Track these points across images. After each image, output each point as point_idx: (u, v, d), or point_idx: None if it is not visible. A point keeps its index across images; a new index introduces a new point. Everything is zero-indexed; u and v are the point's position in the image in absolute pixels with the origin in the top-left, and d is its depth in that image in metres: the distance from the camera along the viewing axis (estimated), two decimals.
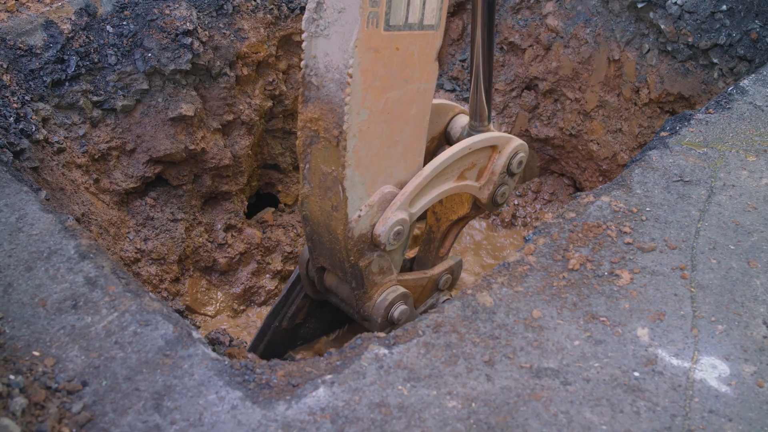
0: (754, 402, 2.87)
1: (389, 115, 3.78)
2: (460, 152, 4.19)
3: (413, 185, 4.00)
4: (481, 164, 4.39)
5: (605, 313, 3.22)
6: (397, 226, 3.95)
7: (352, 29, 3.42)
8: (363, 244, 4.02)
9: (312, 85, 3.71)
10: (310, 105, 3.76)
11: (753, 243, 3.58)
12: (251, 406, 2.79)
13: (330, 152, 3.78)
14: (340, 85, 3.57)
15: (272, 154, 6.27)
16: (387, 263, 4.23)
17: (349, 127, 3.63)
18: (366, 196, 3.91)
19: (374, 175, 3.90)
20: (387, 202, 3.96)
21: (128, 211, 5.30)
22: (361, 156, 3.77)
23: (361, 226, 3.94)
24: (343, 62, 3.51)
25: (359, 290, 4.22)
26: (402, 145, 3.94)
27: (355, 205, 3.88)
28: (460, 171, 4.29)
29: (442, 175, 4.16)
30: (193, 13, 5.12)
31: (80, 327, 3.09)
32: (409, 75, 3.75)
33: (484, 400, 2.84)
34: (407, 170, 4.05)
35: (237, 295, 5.96)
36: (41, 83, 4.65)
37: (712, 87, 5.91)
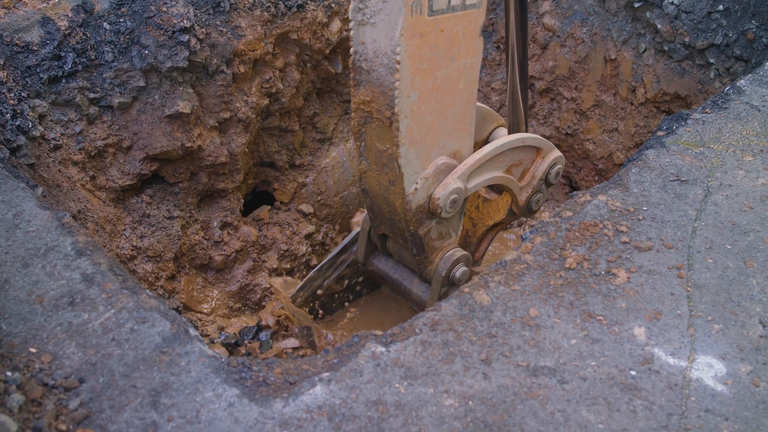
0: (750, 401, 2.87)
1: (438, 92, 3.94)
2: (515, 142, 4.43)
3: (473, 159, 4.23)
4: (525, 165, 4.61)
5: (602, 312, 3.22)
6: (453, 194, 4.15)
7: (397, 18, 3.55)
8: (421, 214, 4.24)
9: (362, 70, 3.87)
10: (361, 88, 3.93)
11: (749, 243, 3.59)
12: (248, 403, 2.79)
13: (384, 131, 3.96)
14: (389, 70, 3.73)
15: (268, 152, 6.26)
16: (445, 228, 4.46)
17: (400, 109, 3.80)
18: (421, 170, 4.11)
19: (428, 150, 4.09)
20: (442, 172, 4.16)
21: (124, 208, 5.29)
22: (414, 134, 3.95)
23: (418, 198, 4.15)
24: (390, 48, 3.66)
25: (420, 256, 4.49)
26: (452, 118, 4.11)
27: (411, 179, 4.09)
28: (509, 165, 4.50)
29: (495, 162, 4.38)
30: (190, 10, 5.12)
31: (77, 324, 3.08)
32: (455, 53, 3.90)
33: (481, 399, 2.84)
34: (459, 140, 4.23)
35: (233, 293, 5.95)
36: (38, 80, 4.65)
37: (708, 87, 5.92)
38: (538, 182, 4.61)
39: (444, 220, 4.39)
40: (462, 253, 4.55)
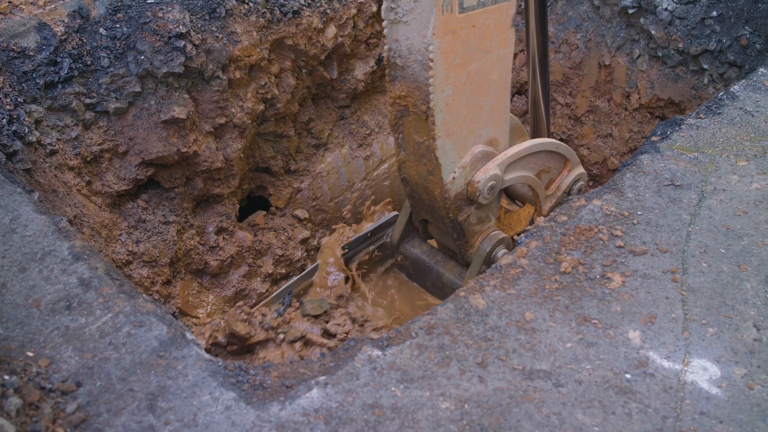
0: (745, 404, 2.88)
1: (472, 85, 4.05)
2: (549, 145, 4.57)
3: (513, 151, 4.37)
4: (552, 174, 4.72)
5: (597, 315, 3.23)
6: (492, 181, 4.29)
7: (428, 17, 3.65)
8: (460, 201, 4.38)
9: (397, 66, 4.00)
10: (397, 83, 4.06)
11: (743, 247, 3.60)
12: (245, 406, 2.80)
13: (420, 124, 4.07)
14: (423, 67, 3.83)
15: (264, 158, 6.27)
16: (485, 213, 4.59)
17: (435, 104, 3.92)
18: (458, 159, 4.24)
19: (464, 140, 4.20)
20: (479, 160, 4.30)
21: (120, 213, 5.29)
22: (450, 126, 4.06)
23: (456, 187, 4.29)
24: (423, 46, 3.76)
25: (461, 240, 4.63)
26: (487, 108, 4.22)
27: (448, 169, 4.22)
28: (539, 169, 4.61)
29: (528, 161, 4.50)
30: (186, 16, 5.13)
31: (74, 328, 3.09)
32: (487, 46, 4.00)
33: (476, 402, 2.85)
34: (495, 128, 4.35)
35: (228, 298, 5.96)
36: (34, 85, 4.65)
37: (702, 92, 5.94)
38: (562, 194, 4.70)
39: (482, 206, 4.50)
40: (504, 236, 4.68)
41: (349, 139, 6.86)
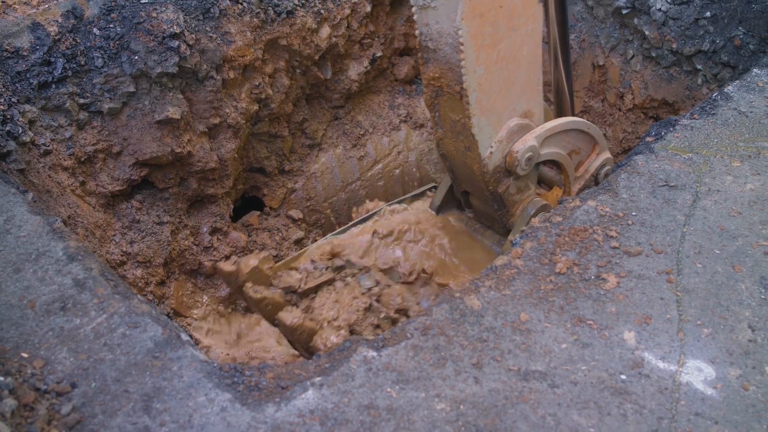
0: (740, 405, 2.89)
1: (503, 62, 4.15)
2: (581, 124, 4.74)
3: (550, 125, 4.53)
4: (582, 157, 4.86)
5: (592, 316, 3.24)
6: (529, 152, 4.43)
7: (456, 1, 3.76)
8: (499, 174, 4.50)
9: (429, 49, 4.13)
10: (430, 65, 4.19)
11: (738, 247, 3.60)
12: (240, 407, 2.79)
13: (455, 103, 4.19)
14: (454, 49, 3.95)
15: (258, 158, 6.27)
16: (523, 182, 4.71)
17: (468, 84, 4.04)
18: (494, 134, 4.36)
19: (499, 115, 4.31)
20: (515, 133, 4.43)
21: (114, 213, 5.28)
22: (484, 104, 4.16)
23: (494, 160, 4.42)
24: (453, 30, 3.86)
25: (502, 210, 4.77)
26: (520, 82, 4.33)
27: (485, 144, 4.34)
28: (571, 149, 4.75)
29: (562, 139, 4.66)
30: (180, 16, 5.12)
31: (69, 329, 3.09)
32: (515, 24, 4.09)
33: (472, 403, 2.85)
34: (529, 101, 4.45)
35: (222, 298, 5.95)
36: (28, 85, 4.64)
37: (695, 93, 5.95)
38: (589, 177, 4.80)
39: (520, 176, 4.61)
40: (546, 203, 4.80)
41: (343, 140, 6.85)
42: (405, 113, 7.09)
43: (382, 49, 6.84)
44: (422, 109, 7.18)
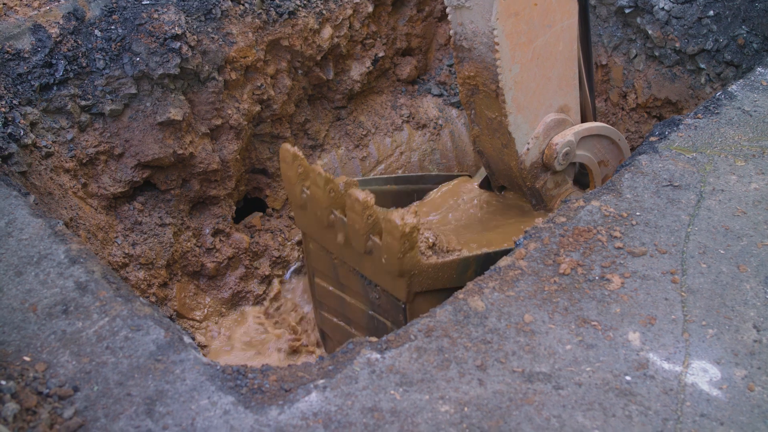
0: (746, 406, 2.88)
1: (539, 60, 4.18)
2: (613, 133, 4.81)
3: (587, 126, 4.60)
4: (608, 171, 4.91)
5: (596, 317, 3.22)
6: (566, 147, 4.49)
7: (490, 1, 3.79)
8: (536, 170, 4.54)
9: (464, 48, 4.13)
10: (465, 64, 4.20)
11: (743, 247, 3.59)
12: (244, 410, 2.78)
13: (491, 101, 4.21)
14: (489, 48, 3.97)
15: (260, 159, 6.26)
16: (561, 177, 4.74)
17: (504, 83, 4.07)
18: (531, 131, 4.39)
19: (535, 112, 4.34)
20: (552, 128, 4.47)
21: (116, 215, 5.28)
22: (520, 102, 4.19)
23: (531, 157, 4.46)
24: (487, 29, 3.89)
25: (539, 205, 4.81)
26: (556, 78, 4.36)
27: (522, 141, 4.37)
28: (601, 158, 4.81)
29: (594, 145, 4.73)
30: (182, 17, 5.11)
31: (71, 332, 3.08)
32: (550, 20, 4.12)
33: (476, 405, 2.84)
34: (565, 95, 4.49)
35: (225, 300, 5.94)
36: (29, 87, 4.64)
37: (699, 92, 5.93)
38: None
39: (557, 172, 4.65)
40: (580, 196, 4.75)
41: (346, 140, 6.84)
42: (407, 113, 7.08)
43: (384, 50, 6.83)
44: (424, 110, 7.17)
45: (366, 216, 4.02)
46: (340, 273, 4.78)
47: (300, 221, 4.76)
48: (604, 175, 4.86)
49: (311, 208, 4.48)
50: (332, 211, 4.33)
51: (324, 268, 4.91)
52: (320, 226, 4.52)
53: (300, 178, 4.44)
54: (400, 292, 4.26)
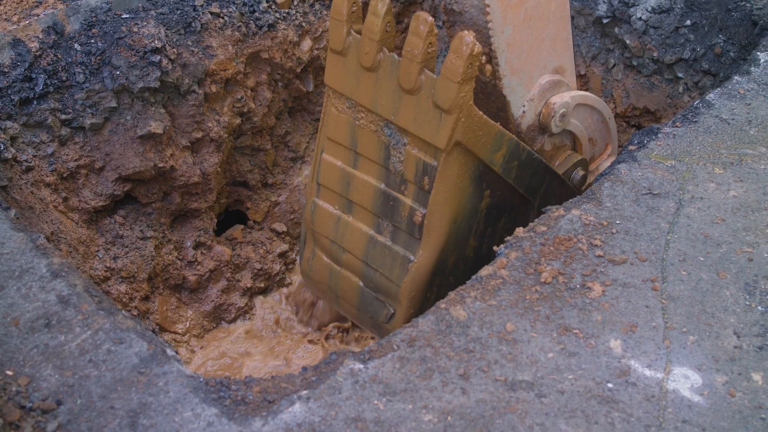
0: (727, 411, 2.90)
1: (531, 20, 4.16)
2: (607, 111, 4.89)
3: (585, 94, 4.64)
4: (596, 151, 4.95)
5: (578, 325, 3.24)
6: (564, 107, 4.46)
7: None
8: (533, 132, 4.51)
9: (454, 12, 4.13)
10: (456, 28, 4.20)
11: (722, 254, 3.62)
12: (227, 422, 2.79)
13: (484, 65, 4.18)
14: (480, 11, 3.97)
15: (241, 171, 6.26)
16: (558, 139, 4.72)
17: (497, 46, 4.07)
18: (526, 93, 4.36)
19: (529, 74, 4.33)
20: (547, 90, 4.44)
21: (97, 229, 5.27)
22: (513, 64, 4.18)
23: (527, 120, 4.43)
24: None
25: None
26: (549, 39, 4.35)
27: (517, 104, 4.35)
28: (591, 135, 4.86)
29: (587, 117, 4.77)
30: (161, 30, 5.12)
31: (54, 346, 3.07)
32: None
33: (459, 414, 2.85)
34: (559, 56, 4.49)
35: (207, 313, 5.93)
36: (9, 102, 4.63)
37: (677, 101, 5.97)
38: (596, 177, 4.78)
39: (554, 134, 4.62)
40: (582, 157, 4.78)
41: None
42: None
43: None
44: None
45: (428, 43, 3.90)
46: (359, 138, 4.57)
47: (331, 73, 4.57)
48: (590, 155, 4.85)
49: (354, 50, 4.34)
50: (382, 48, 4.19)
51: (340, 135, 4.68)
52: (357, 73, 4.36)
53: (351, 17, 4.30)
54: (441, 136, 4.05)
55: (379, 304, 4.77)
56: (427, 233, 4.35)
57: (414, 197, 4.37)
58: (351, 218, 4.80)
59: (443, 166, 4.13)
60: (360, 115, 4.46)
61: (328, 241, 4.99)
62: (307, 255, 5.25)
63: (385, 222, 4.58)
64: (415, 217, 4.36)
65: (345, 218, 4.84)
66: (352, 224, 4.80)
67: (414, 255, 4.45)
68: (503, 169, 4.27)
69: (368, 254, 4.74)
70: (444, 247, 4.44)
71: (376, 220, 4.58)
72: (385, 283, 4.65)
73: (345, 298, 5.04)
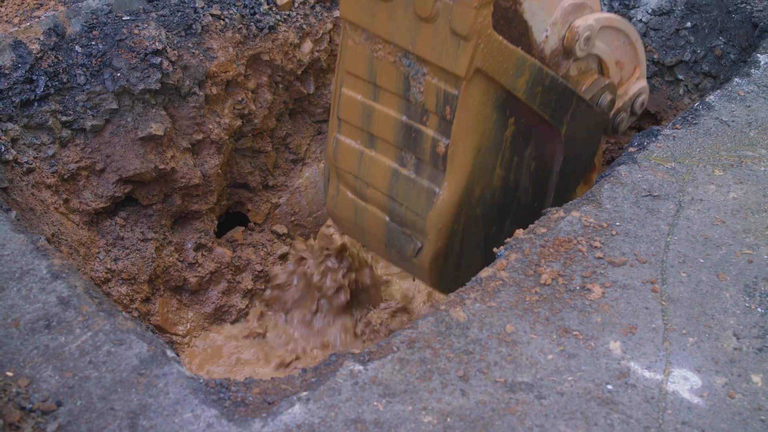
0: (726, 413, 2.90)
1: None
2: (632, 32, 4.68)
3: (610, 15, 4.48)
4: (623, 75, 4.78)
5: (578, 327, 3.24)
6: (588, 30, 4.29)
7: None
8: (557, 58, 4.34)
9: None
10: None
11: (722, 256, 3.62)
12: (227, 423, 2.79)
13: None
14: None
15: (242, 173, 6.27)
16: (584, 64, 4.55)
17: None
18: (548, 17, 4.19)
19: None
20: (569, 13, 4.27)
21: (98, 231, 5.27)
22: None
23: (550, 45, 4.26)
24: None
25: None
26: None
27: (539, 29, 4.19)
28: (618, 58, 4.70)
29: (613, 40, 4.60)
30: (162, 32, 5.13)
31: (54, 347, 3.08)
32: None
33: (459, 415, 2.85)
34: None
35: (208, 315, 5.94)
36: (10, 103, 4.64)
37: (677, 103, 5.98)
38: (627, 101, 4.72)
39: (579, 58, 4.47)
40: (609, 81, 4.64)
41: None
42: None
43: None
44: None
45: None
46: (377, 70, 4.44)
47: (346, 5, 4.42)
48: (618, 79, 4.74)
49: None
50: None
51: (359, 67, 4.55)
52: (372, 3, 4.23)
53: None
54: (461, 64, 3.94)
55: (406, 238, 4.64)
56: (451, 164, 4.23)
57: (436, 128, 4.26)
58: (373, 152, 4.67)
59: (464, 94, 4.03)
60: (377, 46, 4.36)
61: (351, 177, 4.85)
62: (331, 192, 5.11)
63: (408, 155, 4.45)
64: (438, 148, 4.24)
65: (367, 153, 4.71)
66: (374, 158, 4.67)
67: (439, 187, 4.31)
68: (527, 96, 4.15)
69: (392, 188, 4.61)
70: (469, 177, 4.30)
71: (399, 153, 4.46)
72: (411, 217, 4.54)
73: (371, 234, 4.92)
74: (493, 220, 4.57)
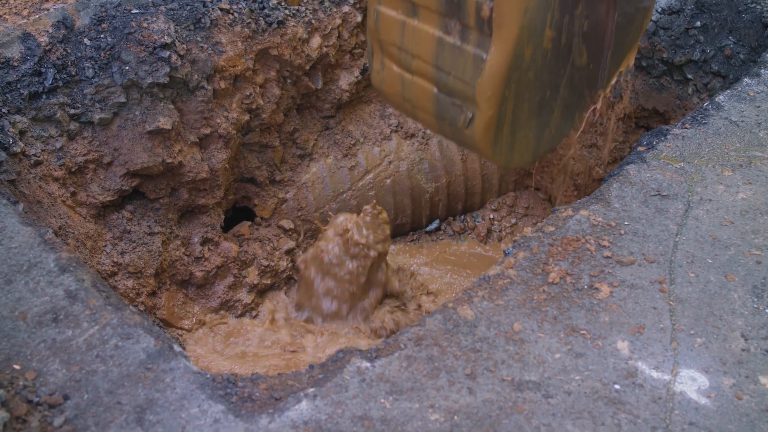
0: (734, 414, 2.89)
1: None
2: None
3: None
4: None
5: (585, 326, 3.24)
6: None
7: None
8: None
9: None
10: None
11: (730, 257, 3.61)
12: (234, 419, 2.79)
13: None
14: None
15: (249, 168, 6.26)
16: None
17: None
18: None
19: None
20: None
21: (105, 224, 5.27)
22: None
23: None
24: None
25: None
26: None
27: None
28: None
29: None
30: (171, 26, 5.12)
31: (61, 340, 3.08)
32: None
33: (466, 413, 2.85)
34: None
35: (213, 309, 5.94)
36: (18, 96, 4.63)
37: (686, 102, 5.96)
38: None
39: None
40: None
41: (334, 150, 6.85)
42: (396, 123, 7.08)
43: None
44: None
45: None
46: None
47: None
48: None
49: None
50: None
51: None
52: None
53: None
54: None
55: (456, 108, 4.49)
56: (498, 27, 3.98)
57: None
58: (416, 21, 4.45)
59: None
60: None
61: (395, 49, 4.64)
62: (376, 67, 4.90)
63: (452, 21, 4.24)
64: (483, 11, 3.98)
65: (410, 22, 4.50)
66: (418, 27, 4.45)
67: (486, 52, 4.11)
68: None
69: (438, 57, 4.40)
70: (517, 40, 4.01)
71: (443, 19, 4.29)
72: (459, 86, 4.39)
73: (421, 107, 4.77)
74: (546, 85, 4.45)
